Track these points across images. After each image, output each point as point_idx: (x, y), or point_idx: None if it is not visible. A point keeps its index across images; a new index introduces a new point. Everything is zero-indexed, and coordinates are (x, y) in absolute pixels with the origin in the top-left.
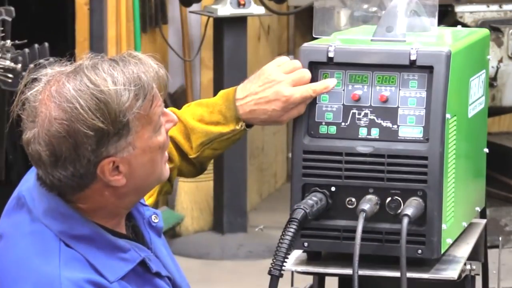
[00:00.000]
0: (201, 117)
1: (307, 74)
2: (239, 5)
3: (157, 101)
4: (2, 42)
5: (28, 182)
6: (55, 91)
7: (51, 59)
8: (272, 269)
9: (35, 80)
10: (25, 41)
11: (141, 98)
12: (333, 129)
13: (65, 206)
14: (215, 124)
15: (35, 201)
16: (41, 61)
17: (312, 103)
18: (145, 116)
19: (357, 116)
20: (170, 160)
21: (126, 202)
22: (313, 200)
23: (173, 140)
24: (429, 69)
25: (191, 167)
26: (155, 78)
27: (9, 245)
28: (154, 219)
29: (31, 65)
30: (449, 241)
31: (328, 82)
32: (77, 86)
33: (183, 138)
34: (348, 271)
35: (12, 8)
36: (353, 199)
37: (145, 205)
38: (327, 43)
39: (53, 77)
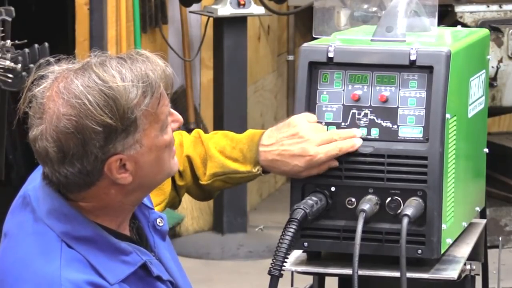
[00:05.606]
0: (223, 149)
1: (335, 136)
2: (239, 5)
3: (164, 100)
4: (2, 42)
5: (35, 181)
6: (63, 87)
7: (50, 58)
8: (272, 269)
9: (42, 77)
10: (25, 41)
11: (149, 95)
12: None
13: (68, 207)
14: (233, 160)
15: (39, 201)
16: (48, 58)
17: (312, 103)
18: (153, 114)
19: (357, 116)
20: (183, 178)
21: (132, 199)
22: (313, 200)
23: (190, 161)
24: (429, 69)
25: (199, 191)
26: (162, 77)
27: (12, 244)
28: (159, 222)
29: (39, 62)
30: (449, 241)
31: (355, 141)
32: (85, 82)
33: (200, 162)
34: (348, 271)
35: (12, 8)
36: (353, 199)
37: (151, 208)
38: (327, 43)
39: (60, 74)
